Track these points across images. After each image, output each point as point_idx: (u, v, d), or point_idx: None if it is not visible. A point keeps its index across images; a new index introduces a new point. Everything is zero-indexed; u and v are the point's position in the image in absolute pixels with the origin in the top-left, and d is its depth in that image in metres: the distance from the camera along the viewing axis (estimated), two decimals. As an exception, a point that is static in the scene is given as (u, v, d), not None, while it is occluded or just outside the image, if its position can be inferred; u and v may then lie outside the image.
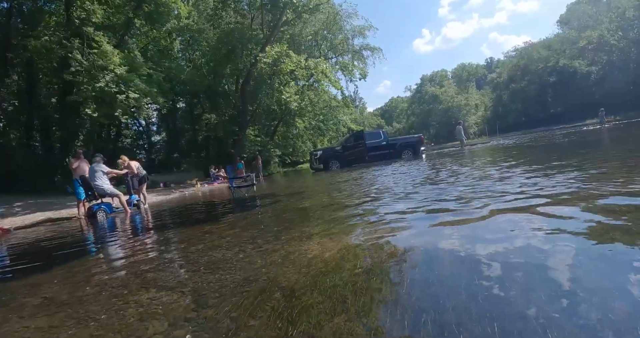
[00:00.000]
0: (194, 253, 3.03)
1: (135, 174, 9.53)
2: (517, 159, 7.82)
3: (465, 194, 4.03)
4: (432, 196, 4.23)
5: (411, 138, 19.29)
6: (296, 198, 6.37)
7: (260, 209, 5.63)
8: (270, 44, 24.44)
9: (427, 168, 8.60)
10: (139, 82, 14.03)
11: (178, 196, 14.48)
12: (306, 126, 32.13)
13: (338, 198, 5.42)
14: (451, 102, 73.52)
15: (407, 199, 4.28)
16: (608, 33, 44.29)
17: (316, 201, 5.35)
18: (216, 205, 7.97)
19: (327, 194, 6.30)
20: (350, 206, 4.45)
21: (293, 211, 4.67)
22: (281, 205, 5.59)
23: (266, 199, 7.23)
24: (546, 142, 13.72)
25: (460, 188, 4.55)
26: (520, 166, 6.04)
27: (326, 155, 18.13)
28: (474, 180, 5.10)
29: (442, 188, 4.77)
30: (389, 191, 5.22)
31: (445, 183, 5.24)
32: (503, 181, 4.62)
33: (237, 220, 4.75)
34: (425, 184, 5.47)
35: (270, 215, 4.75)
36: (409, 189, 5.09)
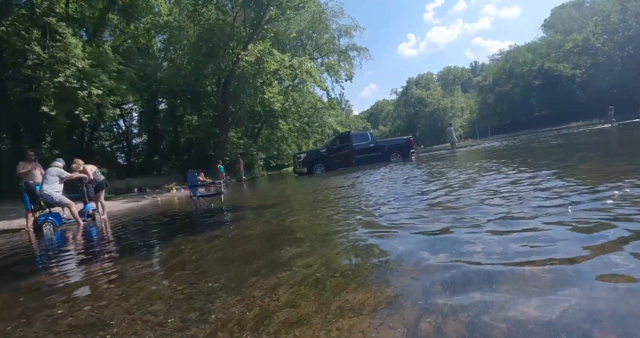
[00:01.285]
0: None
1: (92, 180, 8.37)
2: (535, 163, 6.72)
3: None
4: (445, 221, 2.81)
5: (400, 139, 18.42)
6: (268, 214, 4.97)
7: (215, 232, 4.15)
8: (253, 42, 23.40)
9: (421, 175, 7.45)
10: (104, 78, 12.81)
11: (149, 203, 13.29)
12: (291, 128, 31.12)
13: (321, 216, 4.14)
14: (437, 105, 73.56)
15: (414, 232, 2.67)
16: (593, 36, 44.61)
17: (293, 222, 4.05)
18: (167, 222, 6.46)
19: (307, 208, 5.16)
20: (339, 232, 3.02)
21: (257, 240, 3.28)
22: (245, 226, 4.29)
23: (231, 213, 5.96)
24: (554, 142, 12.98)
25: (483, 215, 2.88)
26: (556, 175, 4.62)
27: (310, 158, 17.05)
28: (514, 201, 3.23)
29: (456, 212, 3.15)
30: (384, 207, 4.02)
31: (457, 201, 3.63)
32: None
33: (170, 254, 3.27)
34: (427, 203, 3.83)
35: (221, 246, 3.20)
36: (410, 211, 3.50)
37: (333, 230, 3.25)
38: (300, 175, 16.94)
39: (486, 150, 14.62)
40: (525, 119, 56.73)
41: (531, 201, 3.14)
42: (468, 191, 4.26)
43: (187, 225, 5.63)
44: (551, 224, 2.32)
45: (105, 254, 3.96)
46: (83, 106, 12.07)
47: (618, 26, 42.54)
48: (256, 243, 3.12)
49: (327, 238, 2.97)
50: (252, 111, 29.77)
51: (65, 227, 7.55)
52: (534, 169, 5.43)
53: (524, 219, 2.57)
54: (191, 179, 7.39)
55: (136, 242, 4.50)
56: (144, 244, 4.21)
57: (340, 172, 13.86)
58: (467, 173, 6.29)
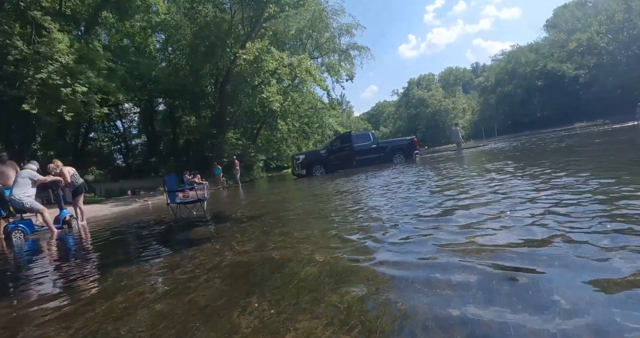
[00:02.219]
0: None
1: (69, 183, 7.66)
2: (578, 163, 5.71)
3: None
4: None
5: (403, 140, 17.67)
6: (251, 231, 3.85)
7: (174, 258, 3.20)
8: (251, 40, 22.70)
9: (429, 181, 6.34)
10: (91, 75, 12.10)
11: (139, 207, 12.59)
12: (290, 129, 30.38)
13: (312, 238, 3.12)
14: (439, 106, 72.90)
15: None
16: (597, 36, 43.87)
17: (275, 249, 2.91)
18: (132, 236, 5.54)
19: (303, 221, 4.11)
20: (332, 277, 2.05)
21: (218, 280, 2.31)
22: (216, 250, 3.22)
23: (208, 227, 4.95)
24: (570, 141, 12.25)
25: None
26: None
27: (309, 159, 16.31)
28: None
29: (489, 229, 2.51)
30: (390, 234, 2.88)
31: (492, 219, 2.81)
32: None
33: (99, 294, 2.37)
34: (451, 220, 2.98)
35: (170, 287, 2.32)
36: (421, 254, 2.27)
37: (326, 270, 2.20)
38: (299, 177, 16.22)
39: (497, 151, 13.84)
40: (528, 120, 56.02)
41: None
42: (499, 210, 3.06)
43: (149, 243, 4.53)
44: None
45: (51, 277, 3.25)
46: (67, 104, 11.34)
47: (623, 25, 41.75)
48: (216, 288, 2.18)
49: (315, 293, 1.85)
50: (251, 111, 29.06)
51: (37, 235, 6.85)
52: (579, 172, 4.70)
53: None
54: (170, 184, 6.49)
55: (104, 255, 3.79)
56: (105, 262, 3.50)
57: (341, 174, 13.16)
58: (484, 179, 5.53)
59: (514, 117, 59.74)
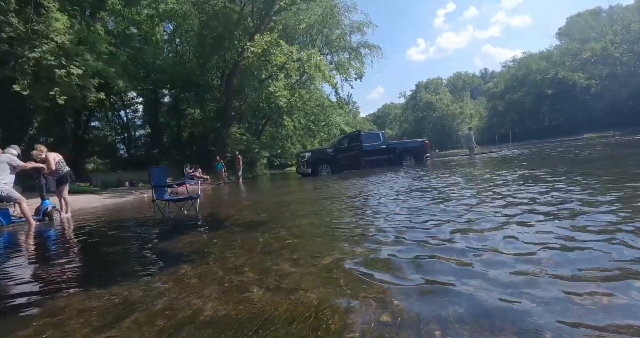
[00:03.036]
0: None
1: (53, 171, 6.96)
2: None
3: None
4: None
5: (414, 142, 16.90)
6: (254, 246, 2.87)
7: (150, 282, 2.20)
8: (260, 33, 21.99)
9: (447, 189, 5.36)
10: (89, 58, 11.40)
11: (133, 199, 11.91)
12: (295, 126, 29.63)
13: (312, 257, 2.34)
14: (446, 110, 72.04)
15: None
16: (612, 46, 42.94)
17: (295, 281, 1.95)
18: (116, 239, 4.38)
19: (318, 237, 3.00)
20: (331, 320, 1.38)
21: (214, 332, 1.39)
22: (209, 271, 2.31)
23: (202, 233, 3.97)
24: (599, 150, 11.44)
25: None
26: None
27: (315, 158, 15.48)
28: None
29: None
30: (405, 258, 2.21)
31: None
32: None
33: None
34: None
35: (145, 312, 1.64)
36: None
37: (322, 311, 1.49)
38: (303, 176, 15.47)
39: (514, 158, 13.08)
40: (536, 128, 55.08)
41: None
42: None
43: (117, 254, 3.49)
44: None
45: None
46: (60, 87, 10.62)
47: (639, 36, 40.88)
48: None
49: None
50: (257, 106, 28.36)
51: (13, 227, 6.14)
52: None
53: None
54: (157, 177, 5.59)
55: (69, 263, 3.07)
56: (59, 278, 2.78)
57: (348, 175, 12.39)
58: (511, 188, 4.76)
59: (523, 125, 58.80)
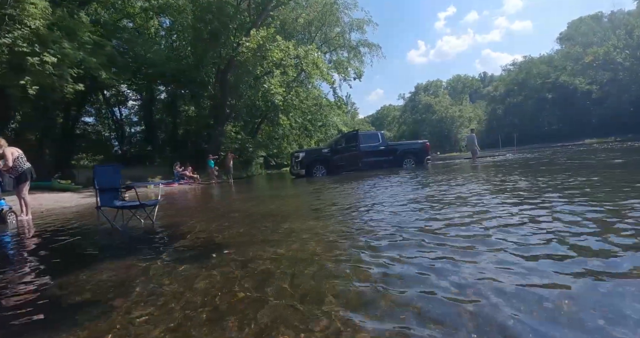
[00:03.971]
0: None
1: (10, 168, 6.12)
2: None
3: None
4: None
5: (415, 143, 16.07)
6: (182, 285, 2.11)
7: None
8: (256, 28, 21.19)
9: (457, 197, 4.59)
10: (67, 46, 10.54)
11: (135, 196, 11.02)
12: (292, 125, 28.78)
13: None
14: (445, 113, 71.44)
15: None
16: (615, 50, 42.41)
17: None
18: (54, 249, 3.64)
19: (273, 285, 1.97)
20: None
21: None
22: (105, 318, 1.66)
23: (131, 258, 2.89)
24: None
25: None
26: None
27: (310, 158, 14.57)
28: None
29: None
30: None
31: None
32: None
33: None
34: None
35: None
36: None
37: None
38: (297, 177, 14.57)
39: (525, 163, 12.33)
40: (536, 133, 54.52)
41: None
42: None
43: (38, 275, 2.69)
44: None
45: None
46: (33, 76, 9.74)
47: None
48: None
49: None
50: (253, 104, 27.55)
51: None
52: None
53: None
54: (103, 179, 4.47)
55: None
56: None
57: (344, 178, 11.54)
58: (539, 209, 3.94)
59: (523, 130, 58.32)
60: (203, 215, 5.60)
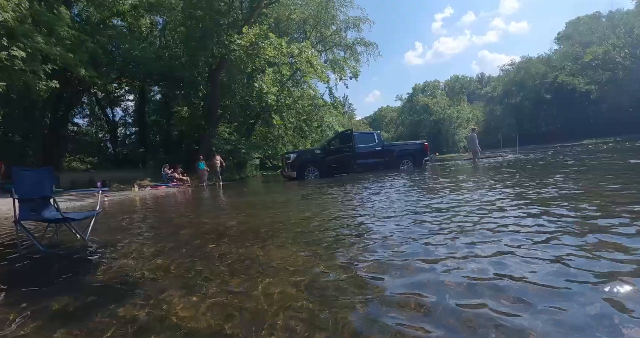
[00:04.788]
0: None
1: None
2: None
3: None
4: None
5: (412, 144, 15.39)
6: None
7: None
8: (249, 25, 20.53)
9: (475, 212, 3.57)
10: (40, 40, 9.83)
11: (88, 204, 10.30)
12: (286, 125, 28.04)
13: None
14: (443, 113, 70.96)
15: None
16: (614, 50, 41.95)
17: None
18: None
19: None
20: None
21: None
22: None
23: (18, 298, 2.06)
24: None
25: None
26: None
27: (302, 160, 13.78)
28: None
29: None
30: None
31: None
32: None
33: None
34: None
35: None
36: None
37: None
38: (289, 180, 13.83)
39: (533, 164, 11.67)
40: (534, 133, 54.04)
41: None
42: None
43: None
44: None
45: None
46: (0, 72, 9.02)
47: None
48: None
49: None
50: (247, 104, 26.84)
51: None
52: None
53: None
54: (25, 186, 3.43)
55: None
56: None
57: (338, 181, 10.84)
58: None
59: (521, 130, 57.87)
60: (152, 231, 4.53)
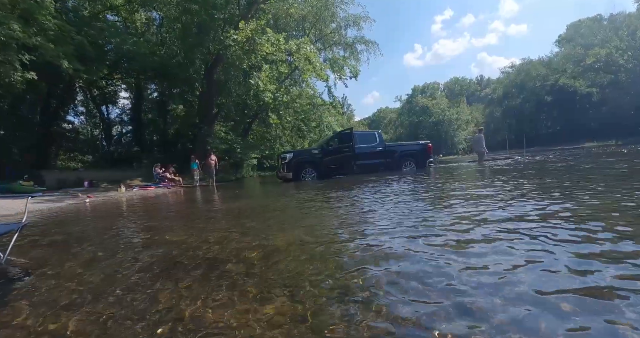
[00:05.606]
0: None
1: None
2: None
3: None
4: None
5: (415, 144, 14.65)
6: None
7: None
8: (245, 20, 19.81)
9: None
10: (16, 28, 9.08)
11: (65, 206, 9.54)
12: (283, 125, 27.31)
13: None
14: (442, 115, 70.37)
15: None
16: (617, 52, 41.39)
17: None
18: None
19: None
20: None
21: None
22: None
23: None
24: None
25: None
26: None
27: (298, 160, 12.92)
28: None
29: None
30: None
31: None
32: None
33: None
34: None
35: None
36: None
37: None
38: (284, 181, 13.04)
39: (547, 166, 10.98)
40: (535, 135, 53.44)
41: None
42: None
43: None
44: None
45: None
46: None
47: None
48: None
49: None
50: (244, 103, 26.09)
51: None
52: None
53: None
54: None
55: None
56: None
57: (337, 183, 10.09)
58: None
59: (521, 132, 57.32)
60: (93, 248, 3.49)
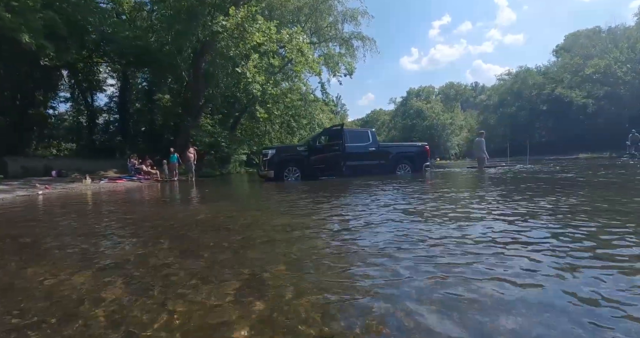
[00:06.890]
0: None
1: None
2: None
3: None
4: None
5: (412, 146, 13.59)
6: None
7: None
8: (237, 7, 18.61)
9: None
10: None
11: (11, 197, 8.29)
12: (272, 120, 26.04)
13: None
14: (436, 119, 69.83)
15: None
16: (615, 64, 40.97)
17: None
18: None
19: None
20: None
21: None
22: None
23: None
24: None
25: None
26: None
27: (281, 157, 11.62)
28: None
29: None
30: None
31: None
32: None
33: None
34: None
35: None
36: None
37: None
38: (265, 180, 11.73)
39: (558, 178, 9.98)
40: (529, 144, 52.88)
41: None
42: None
43: None
44: None
45: None
46: None
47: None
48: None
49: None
50: (233, 95, 24.88)
51: None
52: None
53: None
54: None
55: None
56: None
57: (323, 186, 8.93)
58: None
59: (515, 140, 56.88)
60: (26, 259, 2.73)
